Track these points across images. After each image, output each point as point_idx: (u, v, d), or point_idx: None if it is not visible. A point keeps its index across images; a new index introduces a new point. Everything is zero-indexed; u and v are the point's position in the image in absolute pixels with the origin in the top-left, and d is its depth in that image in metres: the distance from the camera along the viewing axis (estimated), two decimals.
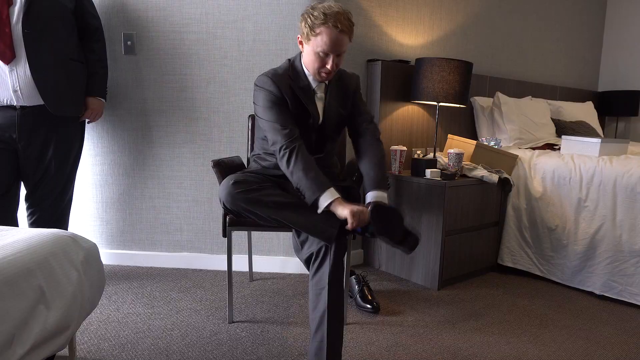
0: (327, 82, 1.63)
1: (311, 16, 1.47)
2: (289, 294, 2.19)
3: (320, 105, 1.64)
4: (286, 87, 1.56)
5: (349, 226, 1.40)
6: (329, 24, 1.45)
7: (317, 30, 1.47)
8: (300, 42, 1.56)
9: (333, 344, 1.39)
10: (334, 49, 1.48)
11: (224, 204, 1.52)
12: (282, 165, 1.49)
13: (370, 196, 1.55)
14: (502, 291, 2.33)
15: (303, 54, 1.57)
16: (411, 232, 1.46)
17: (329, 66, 1.52)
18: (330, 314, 1.39)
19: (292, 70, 1.60)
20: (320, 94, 1.63)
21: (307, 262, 1.50)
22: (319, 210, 1.44)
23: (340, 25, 1.46)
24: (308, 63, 1.55)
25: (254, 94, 1.60)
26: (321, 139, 1.67)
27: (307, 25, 1.49)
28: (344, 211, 1.40)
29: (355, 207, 1.41)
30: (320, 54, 1.50)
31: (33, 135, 1.88)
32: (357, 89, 1.73)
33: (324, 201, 1.42)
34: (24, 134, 1.87)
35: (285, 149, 1.48)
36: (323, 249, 1.44)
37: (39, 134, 1.90)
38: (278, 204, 1.48)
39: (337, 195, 1.44)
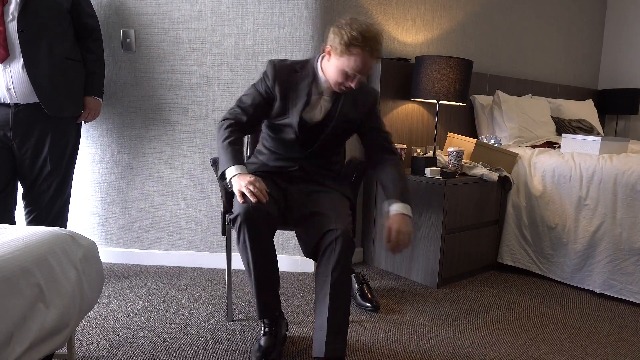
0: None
1: (349, 34, 1.44)
2: (288, 292, 2.19)
3: (325, 105, 1.62)
4: (285, 76, 1.58)
5: (239, 196, 1.41)
6: (366, 48, 1.45)
7: (353, 51, 1.45)
8: (328, 52, 1.53)
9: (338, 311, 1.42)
10: (363, 71, 1.50)
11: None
12: (217, 133, 1.58)
13: (393, 208, 1.57)
14: (502, 290, 2.33)
15: (327, 62, 1.55)
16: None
17: (352, 84, 1.53)
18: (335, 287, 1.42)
19: (305, 67, 1.61)
20: (326, 95, 1.62)
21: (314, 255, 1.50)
22: (227, 179, 1.46)
23: (375, 53, 1.47)
24: (331, 75, 1.54)
25: None
26: (312, 137, 1.64)
27: (342, 42, 1.45)
28: (240, 181, 1.41)
29: (253, 179, 1.40)
30: (349, 72, 1.49)
31: (27, 133, 1.88)
32: (375, 104, 1.72)
33: (229, 173, 1.46)
34: (18, 131, 1.86)
35: (222, 121, 1.58)
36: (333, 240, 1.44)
37: (33, 132, 1.89)
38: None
39: (242, 170, 1.46)
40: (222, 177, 1.49)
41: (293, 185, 1.67)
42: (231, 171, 1.45)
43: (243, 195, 1.40)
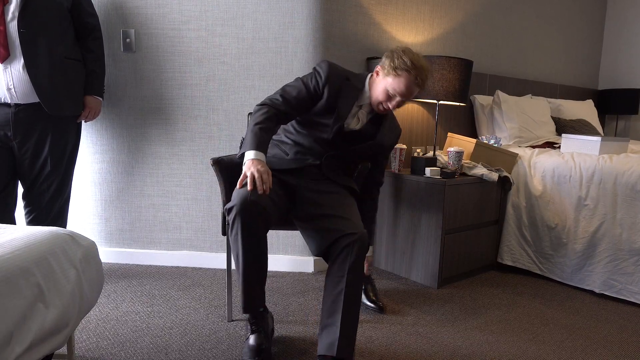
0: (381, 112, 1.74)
1: (400, 58, 1.60)
2: (287, 292, 2.19)
3: (362, 118, 1.72)
4: (337, 79, 1.64)
5: (239, 180, 1.44)
6: (412, 73, 1.60)
7: (399, 73, 1.60)
8: (377, 72, 1.68)
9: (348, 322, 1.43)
10: (404, 94, 1.62)
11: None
12: (252, 115, 1.60)
13: None
14: (502, 290, 2.33)
15: (374, 81, 1.69)
16: None
17: (390, 105, 1.64)
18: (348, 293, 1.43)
19: (356, 79, 1.70)
20: (364, 112, 1.72)
21: (325, 255, 1.52)
22: (244, 161, 1.47)
23: (419, 80, 1.62)
24: (374, 92, 1.67)
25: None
26: (343, 141, 1.70)
27: (392, 64, 1.61)
28: (251, 166, 1.42)
29: (263, 171, 1.41)
30: (390, 92, 1.62)
31: (28, 132, 1.88)
32: (398, 138, 1.87)
33: (247, 156, 1.47)
34: (18, 131, 1.86)
35: (260, 105, 1.60)
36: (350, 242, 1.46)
37: (33, 132, 1.89)
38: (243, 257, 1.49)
39: (261, 157, 1.47)
40: (242, 158, 1.51)
41: (304, 181, 1.68)
42: (250, 154, 1.46)
43: (245, 182, 1.42)
